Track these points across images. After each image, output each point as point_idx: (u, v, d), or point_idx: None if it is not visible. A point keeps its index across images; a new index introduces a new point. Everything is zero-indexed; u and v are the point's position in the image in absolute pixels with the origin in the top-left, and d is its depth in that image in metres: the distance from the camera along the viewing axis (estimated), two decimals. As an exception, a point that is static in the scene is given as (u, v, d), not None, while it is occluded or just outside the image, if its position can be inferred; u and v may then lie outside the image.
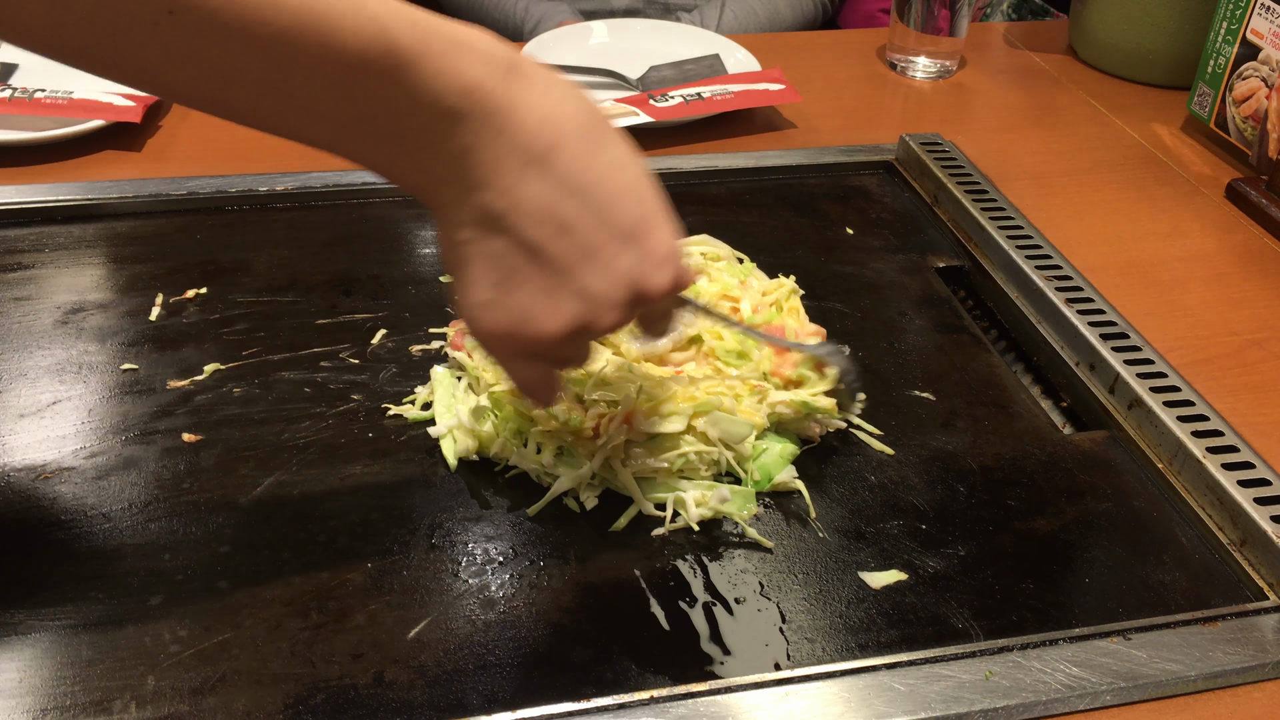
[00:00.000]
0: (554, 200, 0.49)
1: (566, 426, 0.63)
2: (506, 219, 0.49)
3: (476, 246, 0.50)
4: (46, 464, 0.66)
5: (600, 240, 0.50)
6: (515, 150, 0.48)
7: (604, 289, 0.50)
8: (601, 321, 0.51)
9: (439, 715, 0.53)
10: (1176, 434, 0.70)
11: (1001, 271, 0.88)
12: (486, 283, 0.50)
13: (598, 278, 0.50)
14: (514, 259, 0.50)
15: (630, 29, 1.26)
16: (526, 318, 0.51)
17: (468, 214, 0.49)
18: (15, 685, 0.54)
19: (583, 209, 0.50)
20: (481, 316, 0.51)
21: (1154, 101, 1.19)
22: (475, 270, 0.51)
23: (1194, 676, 0.57)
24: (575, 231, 0.49)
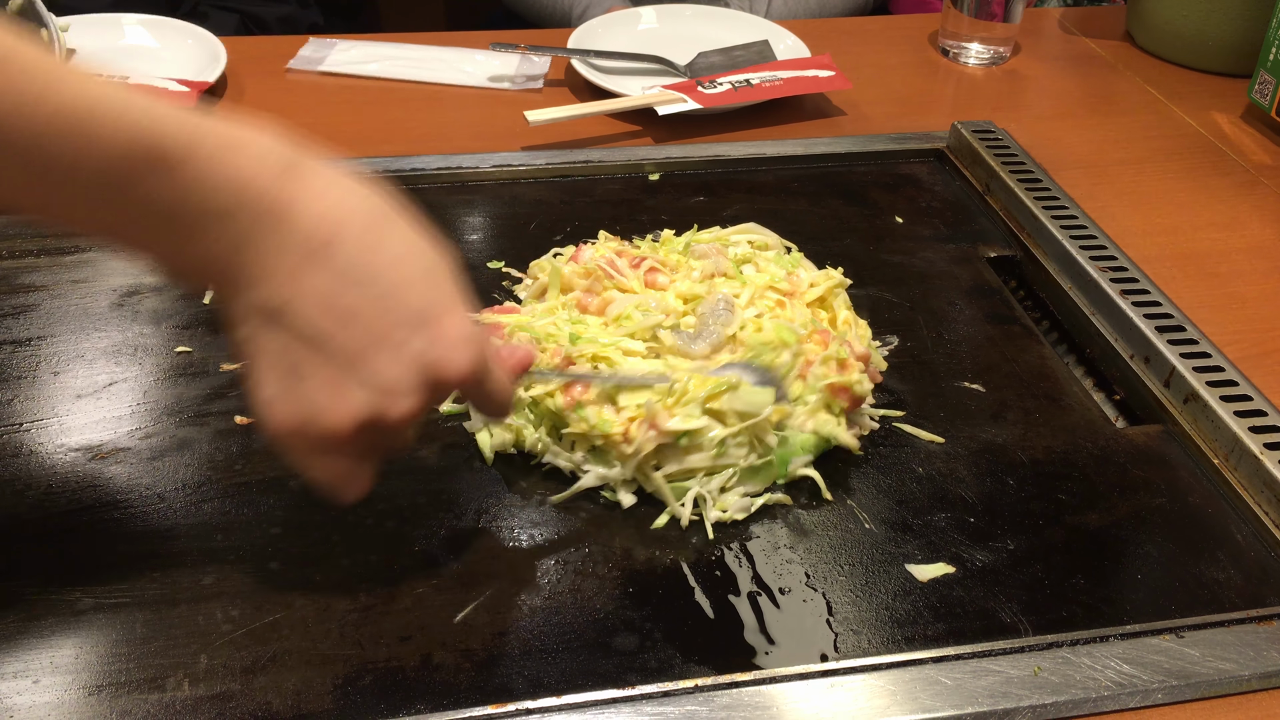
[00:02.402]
0: (334, 291, 0.48)
1: (596, 430, 0.63)
2: (286, 312, 0.48)
3: (260, 341, 0.50)
4: (102, 444, 0.67)
5: (386, 327, 0.49)
6: (292, 245, 0.48)
7: (393, 376, 0.49)
8: (394, 410, 0.50)
9: (484, 699, 0.54)
10: (1233, 429, 0.69)
11: (1054, 262, 0.86)
12: (272, 377, 0.50)
13: (386, 365, 0.49)
14: (298, 352, 0.49)
15: (679, 15, 1.26)
16: (314, 411, 0.49)
17: (249, 309, 0.49)
18: (72, 662, 0.55)
19: (366, 298, 0.49)
20: (269, 412, 0.51)
21: (1213, 89, 1.16)
22: (261, 365, 0.50)
23: (1248, 676, 0.57)
24: (359, 320, 0.49)
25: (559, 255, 0.81)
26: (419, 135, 1.02)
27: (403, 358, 0.50)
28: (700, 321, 0.69)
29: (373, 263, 0.49)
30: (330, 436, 0.50)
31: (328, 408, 0.49)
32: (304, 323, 0.49)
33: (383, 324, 0.49)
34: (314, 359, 0.49)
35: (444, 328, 0.51)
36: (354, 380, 0.49)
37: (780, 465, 0.65)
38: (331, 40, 1.18)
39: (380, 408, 0.50)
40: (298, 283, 0.48)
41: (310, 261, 0.48)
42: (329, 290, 0.48)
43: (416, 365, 0.50)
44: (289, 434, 0.51)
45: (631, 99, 1.05)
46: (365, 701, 0.53)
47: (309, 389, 0.49)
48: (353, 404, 0.49)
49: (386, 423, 0.50)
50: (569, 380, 0.65)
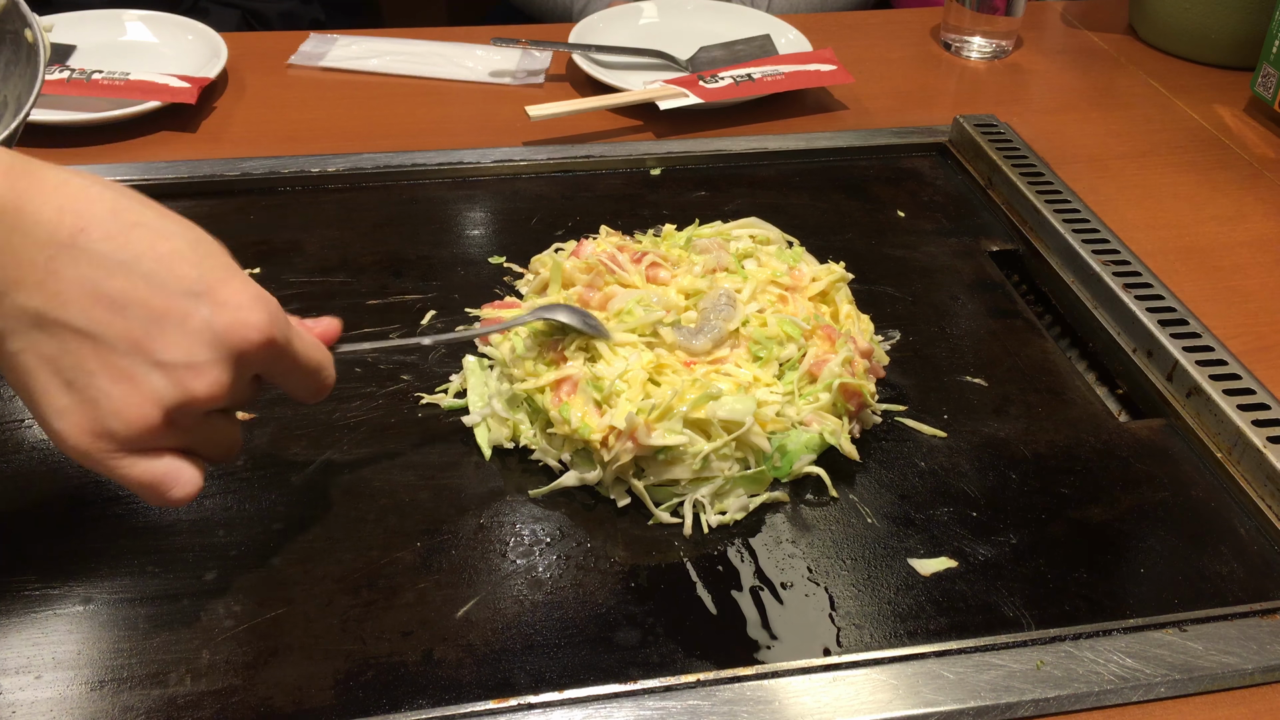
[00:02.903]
0: (95, 281, 0.46)
1: (577, 434, 0.63)
2: (50, 315, 0.46)
3: (32, 353, 0.46)
4: (104, 440, 0.67)
5: (163, 304, 0.47)
6: (36, 244, 0.45)
7: (185, 353, 0.47)
8: (197, 388, 0.47)
9: (486, 694, 0.54)
10: (1236, 423, 0.68)
11: (1057, 256, 0.86)
12: (55, 387, 0.47)
13: (173, 345, 0.47)
14: (73, 354, 0.46)
15: (680, 9, 1.25)
16: (109, 409, 0.47)
17: (7, 323, 0.46)
18: (74, 657, 0.55)
19: (132, 280, 0.46)
20: (65, 427, 0.47)
21: (1216, 82, 1.16)
22: (40, 380, 0.47)
23: (1251, 669, 0.56)
24: (131, 304, 0.46)
25: (560, 250, 0.81)
26: (420, 130, 1.02)
27: (189, 330, 0.47)
28: (702, 316, 0.69)
29: (129, 246, 0.47)
30: (138, 432, 0.47)
31: (125, 401, 0.47)
32: (72, 322, 0.46)
33: (158, 301, 0.47)
34: (95, 355, 0.46)
35: (225, 295, 0.48)
36: (142, 370, 0.47)
37: (785, 466, 0.65)
38: (333, 36, 1.18)
39: (181, 388, 0.47)
40: (54, 282, 0.45)
41: (60, 258, 0.45)
42: (89, 282, 0.46)
43: (207, 335, 0.48)
44: (91, 443, 0.48)
45: (633, 94, 1.04)
46: (367, 696, 0.53)
47: (95, 391, 0.47)
48: (150, 392, 0.47)
49: (192, 406, 0.48)
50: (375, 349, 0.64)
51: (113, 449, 0.48)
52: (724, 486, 0.64)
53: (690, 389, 0.64)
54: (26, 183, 0.46)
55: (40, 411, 0.48)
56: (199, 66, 1.07)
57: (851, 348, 0.68)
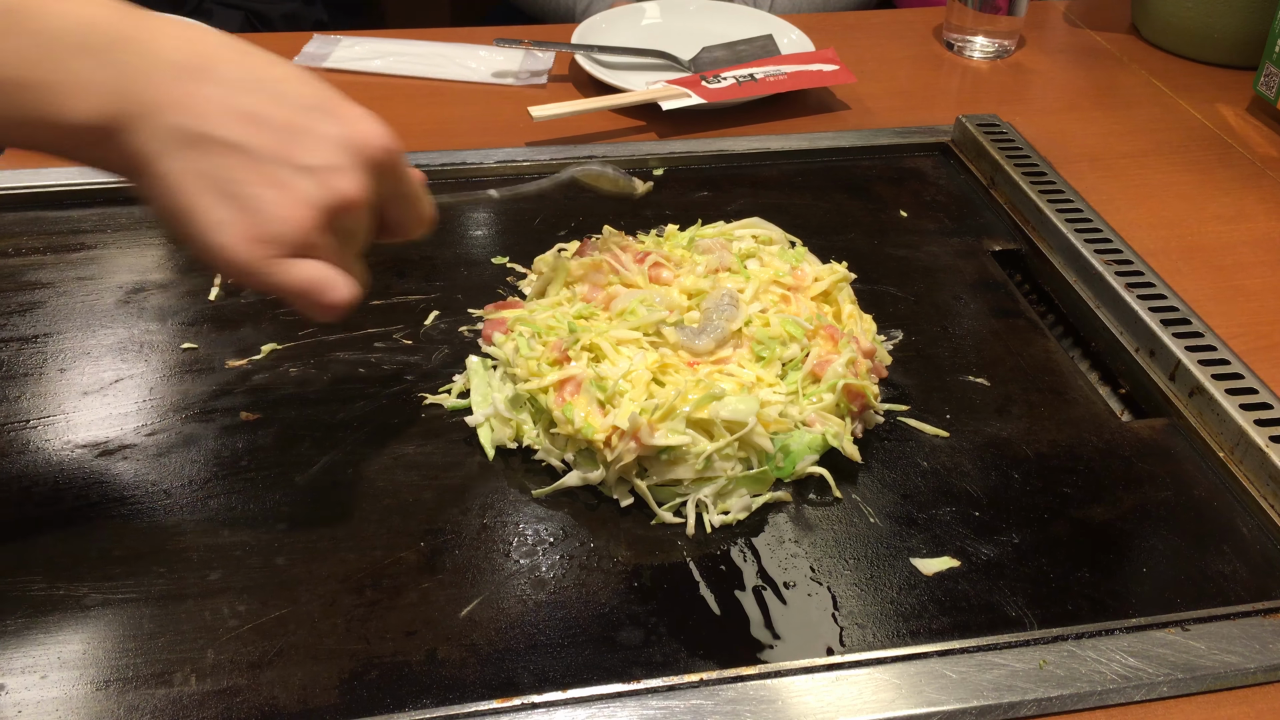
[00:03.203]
0: (231, 98, 0.49)
1: (581, 434, 0.63)
2: (198, 131, 0.48)
3: (186, 171, 0.49)
4: (109, 440, 0.67)
5: (295, 119, 0.50)
6: (170, 66, 0.48)
7: (325, 157, 0.50)
8: (341, 189, 0.51)
9: (490, 693, 0.54)
10: (1239, 422, 0.68)
11: (1059, 255, 0.86)
12: (213, 201, 0.49)
13: (312, 150, 0.50)
14: (225, 165, 0.49)
15: (683, 9, 1.25)
16: (269, 214, 0.49)
17: (159, 145, 0.48)
18: (79, 657, 0.55)
19: (263, 98, 0.50)
20: (227, 238, 0.49)
21: (1219, 81, 1.16)
22: (195, 195, 0.49)
23: (1253, 669, 0.56)
24: (268, 119, 0.50)
25: (563, 250, 0.81)
26: (423, 131, 1.02)
27: (325, 143, 0.50)
28: (704, 316, 0.69)
29: (249, 69, 0.50)
30: (294, 232, 0.50)
31: (280, 204, 0.49)
32: (220, 136, 0.48)
33: (290, 115, 0.50)
34: (246, 165, 0.49)
35: (346, 112, 0.52)
36: (289, 172, 0.49)
37: (788, 466, 0.65)
38: (336, 37, 1.18)
39: (329, 189, 0.50)
40: (195, 101, 0.48)
41: (195, 79, 0.48)
42: (226, 98, 0.49)
43: (340, 144, 0.51)
44: (253, 250, 0.50)
45: (635, 94, 1.05)
46: (371, 696, 0.54)
47: (256, 195, 0.49)
48: (300, 194, 0.50)
49: (342, 203, 0.51)
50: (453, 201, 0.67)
51: (273, 254, 0.50)
52: (727, 486, 0.64)
53: (693, 389, 0.64)
54: (147, 19, 0.49)
55: (198, 227, 0.50)
56: (202, 68, 1.07)
57: (854, 348, 0.68)
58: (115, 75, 0.47)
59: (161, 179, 0.49)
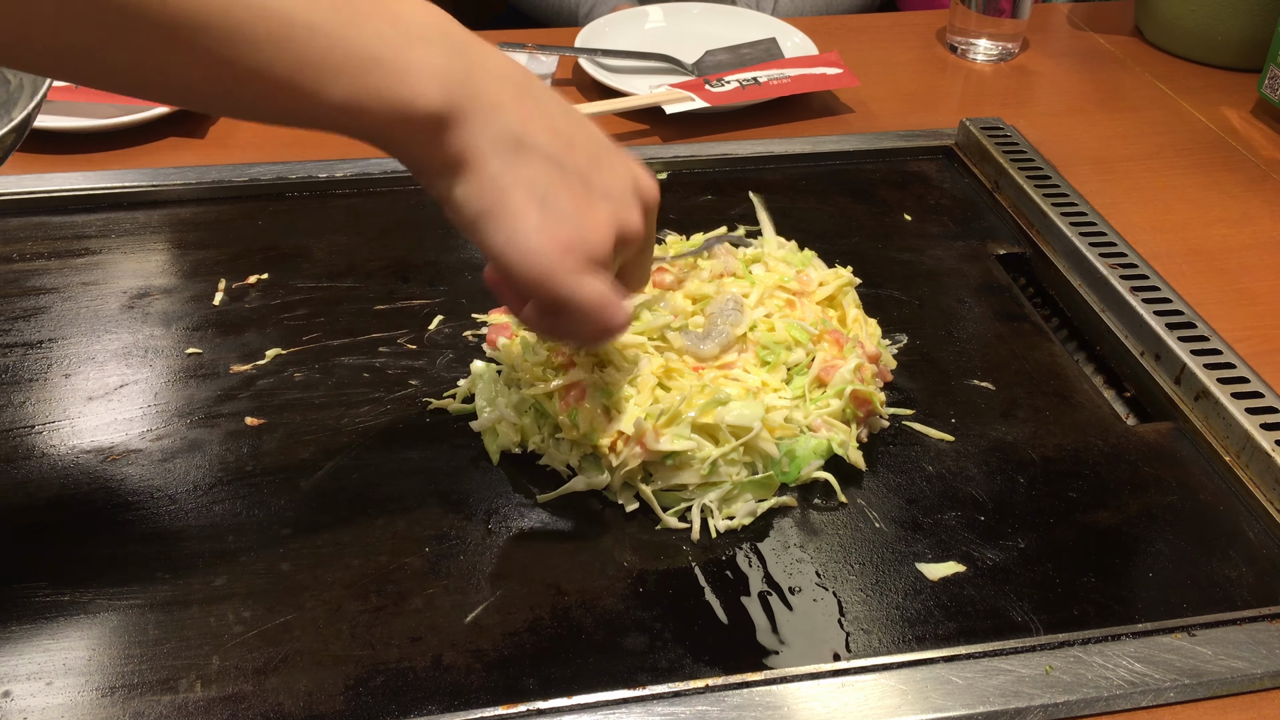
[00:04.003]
0: (551, 117, 0.52)
1: (586, 439, 0.63)
2: (527, 138, 0.51)
3: (511, 174, 0.50)
4: (114, 446, 0.67)
5: (596, 150, 0.54)
6: (502, 75, 0.51)
7: (620, 188, 0.54)
8: (633, 220, 0.54)
9: (496, 699, 0.54)
10: (1245, 426, 0.68)
11: (1064, 258, 0.86)
12: (533, 205, 0.51)
13: (612, 179, 0.54)
14: (547, 175, 0.51)
15: (686, 13, 1.25)
16: (581, 224, 0.52)
17: (492, 143, 0.50)
18: (85, 663, 0.55)
19: (572, 125, 0.53)
20: (542, 241, 0.51)
21: (1223, 84, 1.16)
22: (518, 198, 0.51)
23: (1260, 674, 0.56)
24: (578, 142, 0.53)
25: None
26: (427, 135, 1.02)
27: (619, 173, 0.54)
28: (709, 321, 0.69)
29: (562, 102, 0.54)
30: (597, 247, 0.52)
31: (588, 220, 0.52)
32: (543, 146, 0.51)
33: (594, 146, 0.54)
34: (560, 180, 0.51)
35: (630, 158, 0.56)
36: (595, 194, 0.53)
37: (793, 471, 0.65)
38: (339, 41, 1.18)
39: (621, 218, 0.54)
40: (526, 109, 0.51)
41: (522, 92, 0.51)
42: (547, 116, 0.52)
43: (630, 181, 0.55)
44: (562, 257, 0.52)
45: (639, 98, 1.05)
46: (377, 702, 0.54)
47: (567, 206, 0.52)
48: (604, 214, 0.53)
49: (627, 234, 0.54)
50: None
51: (578, 264, 0.52)
52: (732, 491, 0.64)
53: (699, 394, 0.64)
54: (475, 36, 0.51)
55: (514, 227, 0.51)
56: (206, 72, 1.07)
57: (860, 352, 0.68)
58: (463, 69, 0.49)
59: (487, 177, 0.51)
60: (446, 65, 0.48)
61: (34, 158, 0.95)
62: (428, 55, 0.48)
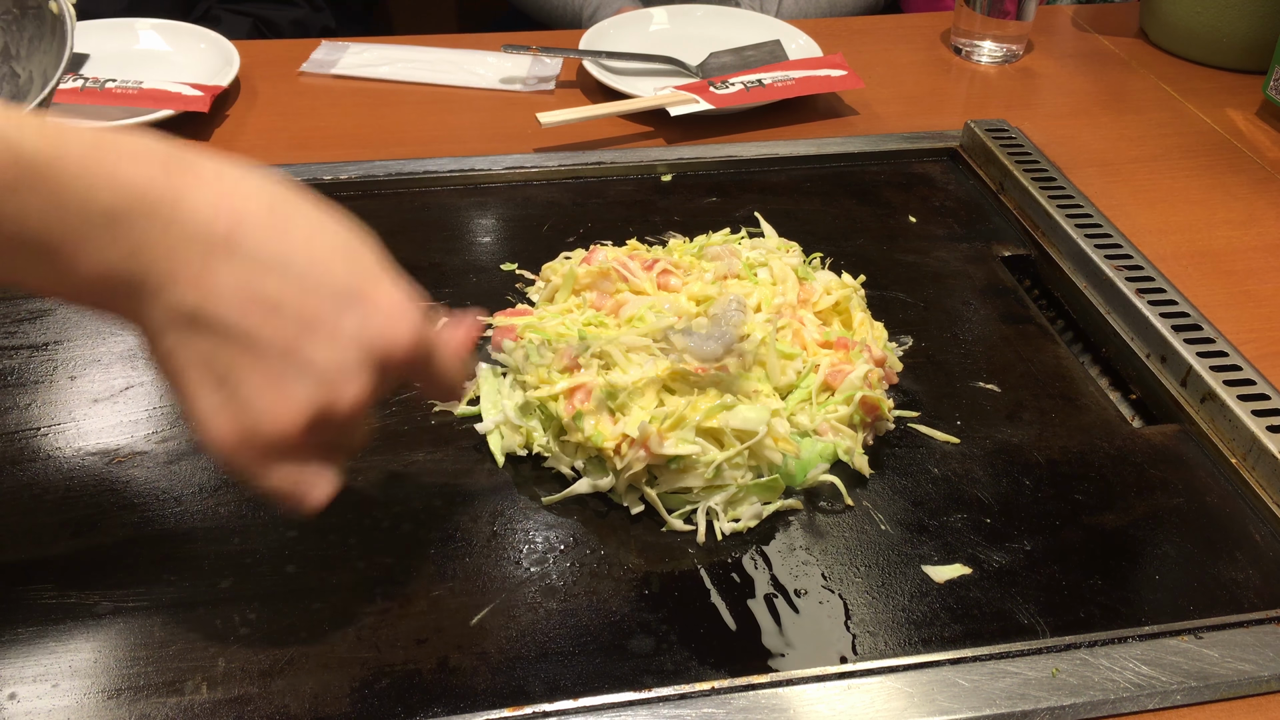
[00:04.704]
0: (249, 281, 0.45)
1: (590, 442, 0.63)
2: (204, 313, 0.45)
3: (183, 353, 0.46)
4: (119, 448, 0.67)
5: (314, 310, 0.46)
6: (192, 240, 0.44)
7: (334, 360, 0.46)
8: (343, 396, 0.47)
9: (501, 702, 0.54)
10: (1251, 428, 0.68)
11: (1069, 260, 0.86)
12: (206, 390, 0.46)
13: (323, 350, 0.46)
14: (226, 354, 0.46)
15: (690, 15, 1.26)
16: (259, 415, 0.46)
17: (162, 319, 0.45)
18: (90, 665, 0.55)
19: (285, 283, 0.46)
20: (211, 429, 0.47)
21: (1228, 86, 1.16)
22: (190, 380, 0.46)
23: (1267, 677, 0.56)
24: (283, 309, 0.46)
25: (569, 258, 0.81)
26: (431, 137, 1.02)
27: (339, 339, 0.47)
28: (712, 323, 0.69)
29: (284, 246, 0.46)
30: (279, 440, 0.47)
31: (270, 409, 0.46)
32: (225, 322, 0.45)
33: (310, 308, 0.46)
34: (244, 359, 0.46)
35: (376, 300, 0.48)
36: (292, 374, 0.46)
37: (799, 474, 0.65)
38: (344, 43, 1.18)
39: (326, 398, 0.47)
40: (209, 279, 0.45)
41: (215, 255, 0.45)
42: (244, 282, 0.45)
43: (355, 345, 0.47)
44: (235, 447, 0.47)
45: (643, 100, 1.05)
46: (382, 704, 0.54)
47: (246, 393, 0.46)
48: (297, 399, 0.46)
49: (337, 414, 0.47)
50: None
51: (254, 456, 0.48)
52: (737, 494, 0.64)
53: (704, 398, 0.64)
54: (183, 179, 0.45)
55: (191, 410, 0.47)
56: (211, 75, 1.07)
57: (867, 357, 0.68)
58: (138, 244, 0.44)
59: (162, 355, 0.47)
60: (112, 245, 0.44)
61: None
62: (107, 235, 0.43)
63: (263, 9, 1.44)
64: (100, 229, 0.43)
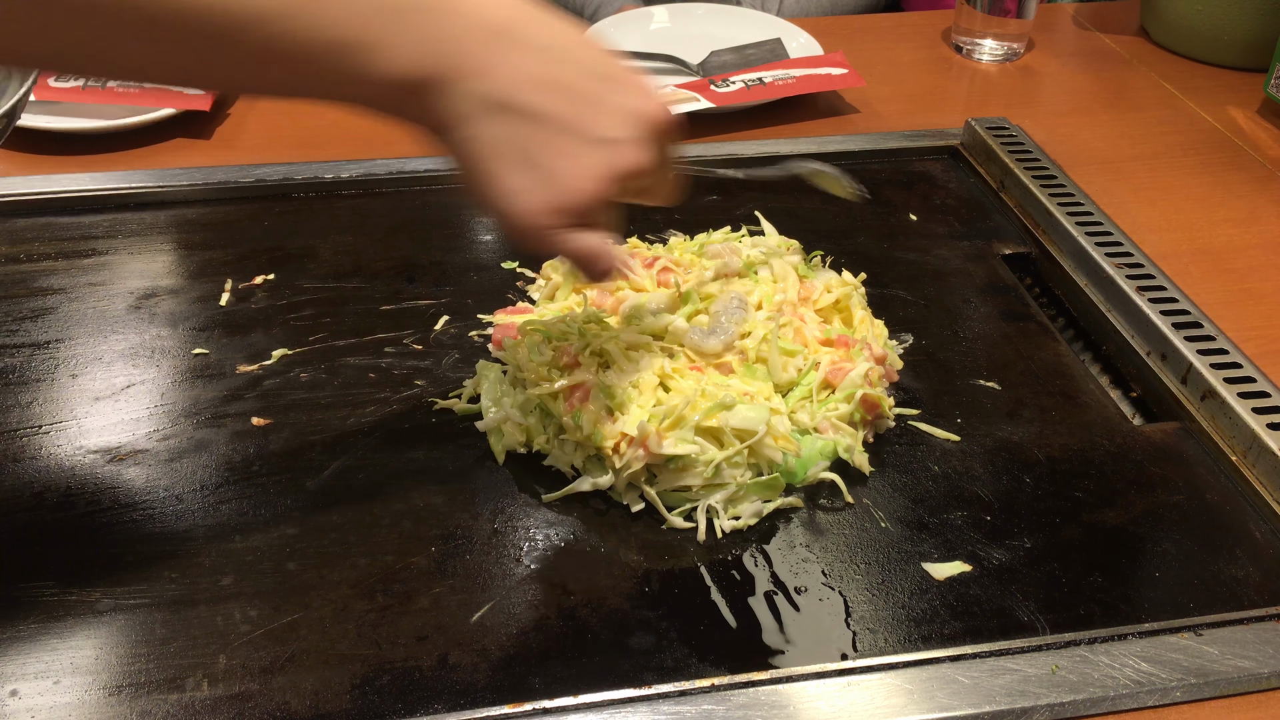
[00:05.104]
0: (538, 64, 0.50)
1: (590, 440, 0.63)
2: (502, 97, 0.49)
3: (488, 137, 0.50)
4: (121, 446, 0.68)
5: (595, 91, 0.51)
6: (473, 32, 0.49)
7: (617, 129, 0.52)
8: (629, 160, 0.52)
9: (501, 698, 0.54)
10: (1251, 426, 0.68)
11: (1070, 258, 0.86)
12: (512, 167, 0.51)
13: (608, 123, 0.52)
14: (527, 133, 0.50)
15: (691, 13, 1.26)
16: (565, 183, 0.51)
17: (462, 108, 0.50)
18: (92, 662, 0.55)
19: (565, 66, 0.51)
20: (523, 205, 0.51)
21: (1229, 84, 1.16)
22: (497, 162, 0.51)
23: (1267, 674, 0.56)
24: (571, 89, 0.51)
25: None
26: (432, 136, 1.02)
27: (619, 113, 0.52)
28: (713, 319, 0.69)
29: (549, 33, 0.51)
30: (584, 202, 0.52)
31: (575, 175, 0.51)
32: (525, 102, 0.50)
33: (591, 88, 0.51)
34: (543, 136, 0.50)
35: (634, 82, 0.53)
36: (586, 143, 0.51)
37: (800, 471, 0.65)
38: (345, 42, 1.18)
39: (618, 161, 0.52)
40: (501, 65, 0.49)
41: (500, 43, 0.49)
42: (528, 65, 0.50)
43: (630, 115, 0.52)
44: (546, 217, 0.51)
45: (644, 98, 1.04)
46: (383, 701, 0.54)
47: (551, 164, 0.51)
48: (595, 164, 0.51)
49: (626, 176, 0.53)
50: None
51: (564, 222, 0.52)
52: (737, 492, 0.64)
53: (702, 397, 0.64)
54: None
55: (497, 192, 0.51)
56: (212, 73, 1.07)
57: (868, 354, 0.68)
58: (429, 37, 0.48)
59: (466, 142, 0.51)
60: (412, 37, 0.48)
61: (41, 159, 0.96)
62: (394, 28, 0.47)
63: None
64: (396, 23, 0.47)
